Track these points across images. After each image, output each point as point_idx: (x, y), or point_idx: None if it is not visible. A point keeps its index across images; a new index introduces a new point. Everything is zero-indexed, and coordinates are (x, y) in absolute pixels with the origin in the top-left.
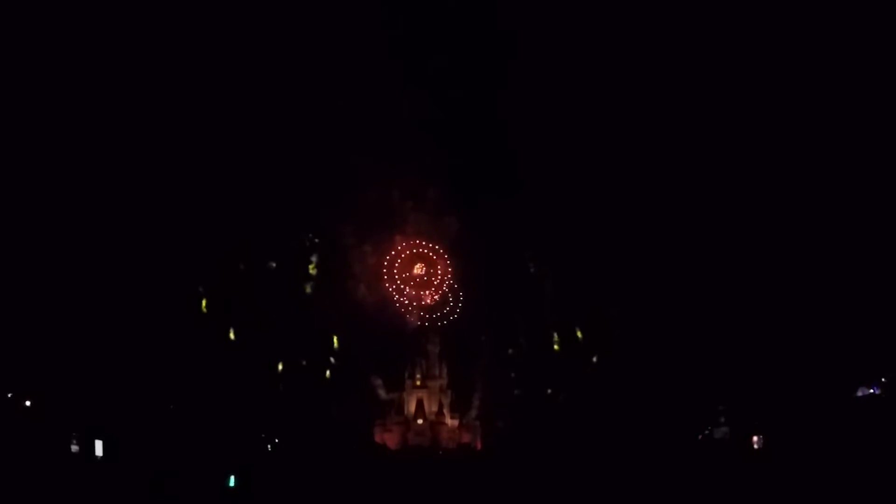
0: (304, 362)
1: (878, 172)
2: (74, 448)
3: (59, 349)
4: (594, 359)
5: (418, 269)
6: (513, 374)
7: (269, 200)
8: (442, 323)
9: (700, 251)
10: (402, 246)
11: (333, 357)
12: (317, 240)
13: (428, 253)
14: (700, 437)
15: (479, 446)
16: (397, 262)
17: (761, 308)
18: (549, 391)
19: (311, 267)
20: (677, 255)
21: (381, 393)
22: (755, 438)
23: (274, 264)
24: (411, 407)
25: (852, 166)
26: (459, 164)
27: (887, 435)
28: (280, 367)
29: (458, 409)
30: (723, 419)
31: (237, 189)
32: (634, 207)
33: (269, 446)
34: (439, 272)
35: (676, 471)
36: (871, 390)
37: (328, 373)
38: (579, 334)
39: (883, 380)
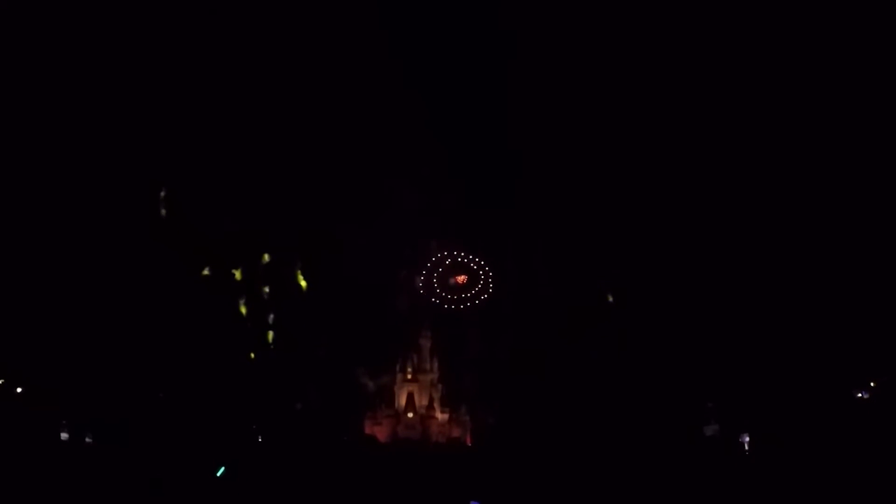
0: (292, 354)
1: (869, 176)
2: (64, 436)
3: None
4: (587, 355)
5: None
6: (504, 370)
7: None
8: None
9: (689, 249)
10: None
11: (324, 349)
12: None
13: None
14: (690, 434)
15: (468, 441)
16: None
17: (754, 304)
18: (541, 388)
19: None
20: (665, 253)
21: (371, 386)
22: (745, 437)
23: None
24: (402, 400)
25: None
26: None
27: (879, 437)
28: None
29: (449, 403)
30: (712, 417)
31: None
32: (622, 207)
33: (259, 438)
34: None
35: (666, 468)
36: (861, 394)
37: (318, 364)
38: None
39: (872, 384)
